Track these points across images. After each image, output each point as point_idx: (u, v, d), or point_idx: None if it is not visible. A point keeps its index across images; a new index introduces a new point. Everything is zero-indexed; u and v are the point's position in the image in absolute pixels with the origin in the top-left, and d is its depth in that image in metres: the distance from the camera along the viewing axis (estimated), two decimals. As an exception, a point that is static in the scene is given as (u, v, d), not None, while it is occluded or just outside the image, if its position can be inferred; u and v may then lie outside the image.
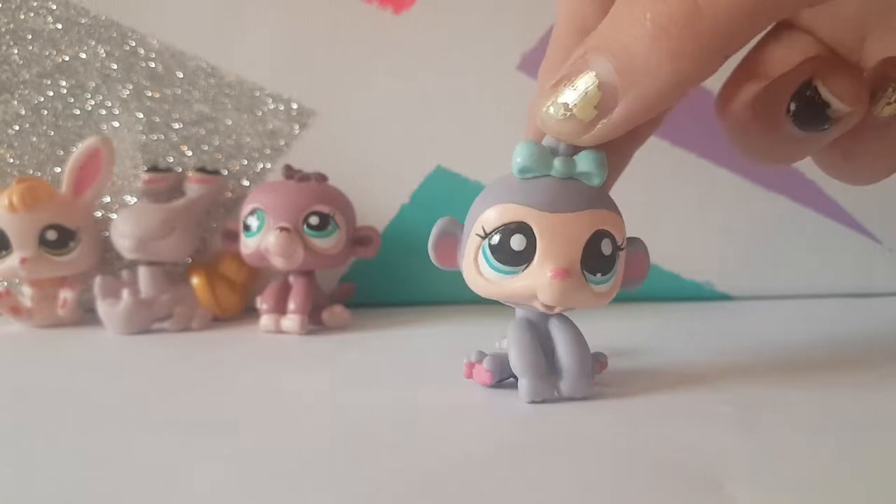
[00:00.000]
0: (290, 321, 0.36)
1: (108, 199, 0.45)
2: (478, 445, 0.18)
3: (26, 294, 0.43)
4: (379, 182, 0.42)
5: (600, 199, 0.19)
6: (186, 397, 0.24)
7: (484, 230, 0.19)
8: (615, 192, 0.23)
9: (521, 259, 0.19)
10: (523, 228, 0.19)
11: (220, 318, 0.42)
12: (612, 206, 0.20)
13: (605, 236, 0.19)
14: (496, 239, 0.19)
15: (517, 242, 0.19)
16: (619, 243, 0.20)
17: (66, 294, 0.42)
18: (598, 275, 0.19)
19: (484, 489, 0.15)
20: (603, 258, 0.19)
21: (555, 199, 0.19)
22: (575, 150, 0.19)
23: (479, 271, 0.20)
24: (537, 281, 0.19)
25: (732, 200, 0.41)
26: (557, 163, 0.19)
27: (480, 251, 0.19)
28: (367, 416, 0.21)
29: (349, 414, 0.22)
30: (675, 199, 0.41)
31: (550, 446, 0.18)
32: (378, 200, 0.42)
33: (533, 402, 0.21)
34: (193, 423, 0.21)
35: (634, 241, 0.21)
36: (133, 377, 0.29)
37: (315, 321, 0.37)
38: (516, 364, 0.21)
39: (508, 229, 0.19)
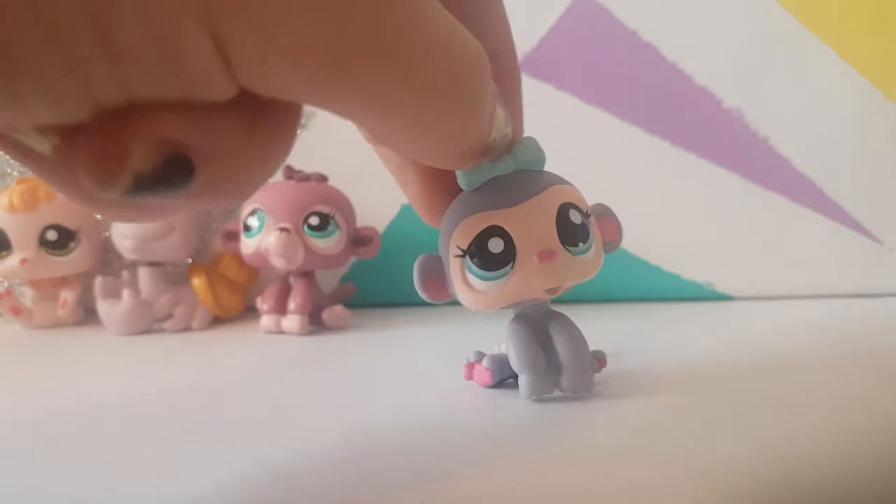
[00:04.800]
0: (291, 321, 0.36)
1: (108, 199, 0.45)
2: (478, 445, 0.18)
3: (27, 294, 0.43)
4: (379, 183, 0.42)
5: (550, 177, 0.20)
6: (186, 397, 0.24)
7: (460, 249, 0.19)
8: (619, 189, 0.23)
9: (505, 259, 0.19)
10: (495, 231, 0.19)
11: (220, 319, 0.42)
12: (563, 181, 0.20)
13: (570, 207, 0.19)
14: (475, 250, 0.19)
15: (495, 245, 0.19)
16: (585, 211, 0.20)
17: (66, 294, 0.42)
18: (580, 244, 0.19)
19: (484, 489, 0.15)
20: (576, 227, 0.19)
21: (511, 193, 0.19)
22: (509, 147, 0.19)
23: (472, 288, 0.20)
24: (529, 271, 0.19)
25: (733, 201, 0.41)
26: (500, 164, 0.19)
27: (465, 269, 0.20)
28: (368, 416, 0.21)
29: (349, 414, 0.22)
30: (676, 200, 0.41)
31: (550, 446, 0.18)
32: (378, 201, 0.42)
33: (533, 398, 0.21)
34: (193, 423, 0.21)
35: (599, 207, 0.21)
36: (133, 377, 0.29)
37: (315, 321, 0.37)
38: (515, 361, 0.21)
39: (482, 237, 0.19)
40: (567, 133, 0.41)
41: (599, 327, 0.23)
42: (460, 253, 0.19)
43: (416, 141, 0.14)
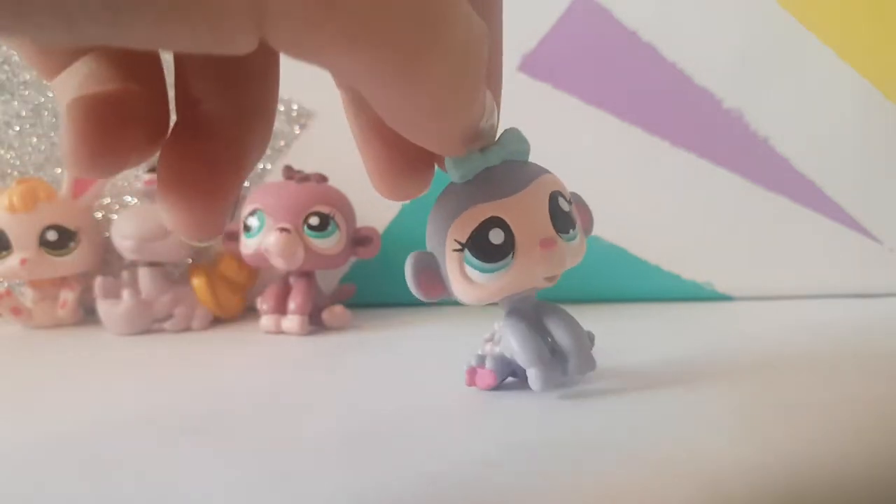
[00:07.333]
0: (291, 322, 0.36)
1: (108, 199, 0.45)
2: (476, 445, 0.18)
3: (27, 294, 0.43)
4: (379, 182, 0.42)
5: (536, 167, 0.20)
6: (186, 397, 0.24)
7: (459, 242, 0.19)
8: (619, 189, 0.23)
9: (505, 250, 0.19)
10: (496, 222, 0.19)
11: (220, 319, 0.42)
12: (546, 170, 0.20)
13: (558, 195, 0.20)
14: (475, 243, 0.19)
15: (496, 236, 0.19)
16: (568, 198, 0.20)
17: (66, 295, 0.42)
18: (570, 231, 0.20)
19: (483, 489, 0.15)
20: (565, 214, 0.20)
21: (506, 184, 0.19)
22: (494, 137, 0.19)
23: (471, 281, 0.20)
24: (531, 260, 0.19)
25: (733, 201, 0.41)
26: (490, 154, 0.19)
27: (464, 262, 0.19)
28: (368, 416, 0.21)
29: (350, 414, 0.22)
30: (676, 200, 0.41)
31: (549, 445, 0.18)
32: (378, 201, 0.42)
33: (544, 389, 0.21)
34: (193, 423, 0.21)
35: (572, 194, 0.22)
36: (133, 377, 0.29)
37: (315, 322, 0.37)
38: (522, 355, 0.21)
39: (482, 229, 0.19)
40: (567, 133, 0.41)
41: (599, 327, 0.23)
42: (459, 247, 0.19)
43: (429, 116, 0.14)
